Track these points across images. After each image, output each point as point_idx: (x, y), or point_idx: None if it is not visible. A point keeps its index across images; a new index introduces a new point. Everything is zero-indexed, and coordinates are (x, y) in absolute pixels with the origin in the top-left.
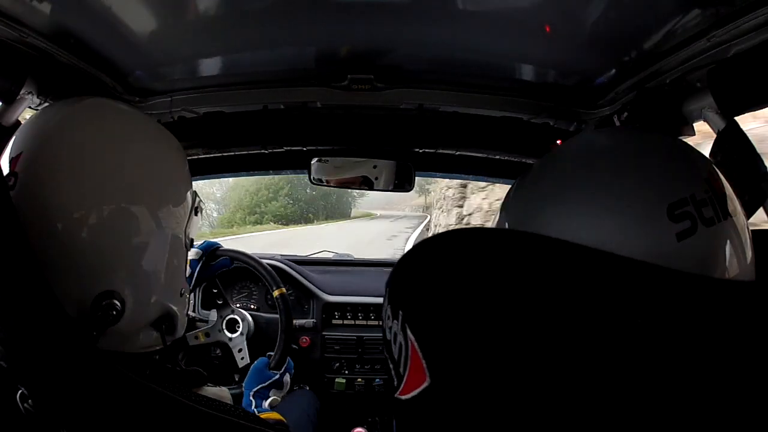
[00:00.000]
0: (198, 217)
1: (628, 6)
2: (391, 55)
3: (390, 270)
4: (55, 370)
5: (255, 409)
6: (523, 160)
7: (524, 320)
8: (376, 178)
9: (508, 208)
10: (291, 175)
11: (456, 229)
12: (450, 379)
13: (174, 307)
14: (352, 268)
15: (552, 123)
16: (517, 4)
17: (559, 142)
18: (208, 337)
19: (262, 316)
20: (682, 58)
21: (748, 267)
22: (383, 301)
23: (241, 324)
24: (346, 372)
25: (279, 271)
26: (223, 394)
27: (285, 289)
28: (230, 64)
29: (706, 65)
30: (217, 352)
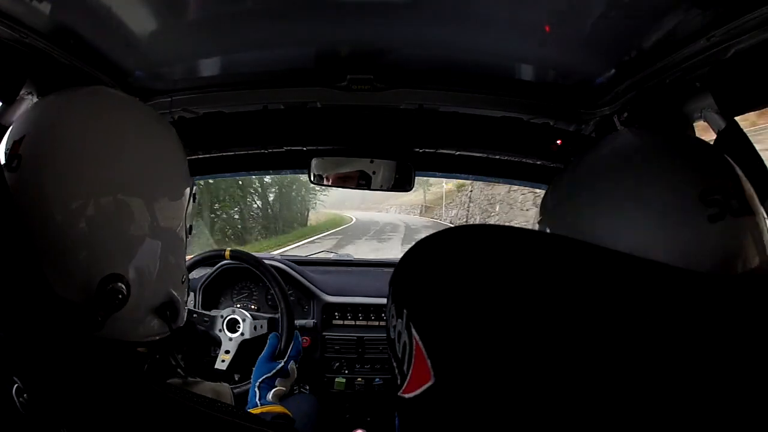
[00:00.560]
0: (194, 204)
1: (628, 6)
2: (391, 55)
3: (390, 270)
4: (50, 362)
5: (259, 402)
6: (523, 160)
7: (530, 319)
8: (376, 177)
9: (547, 215)
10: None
11: (460, 226)
12: (455, 379)
13: (176, 294)
14: (353, 268)
15: (552, 123)
16: (517, 4)
17: (559, 142)
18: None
19: (262, 316)
20: (682, 58)
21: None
22: (387, 299)
23: (241, 324)
24: (346, 372)
25: (279, 271)
26: (222, 390)
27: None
28: (230, 64)
29: (706, 65)
30: (217, 352)
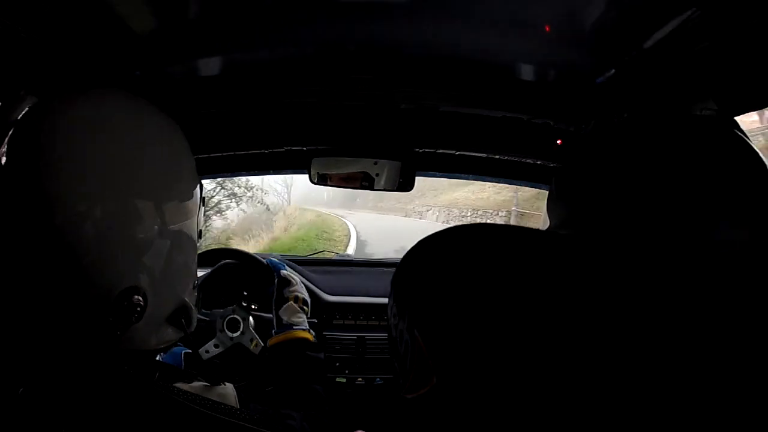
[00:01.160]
0: (203, 208)
1: (628, 6)
2: (392, 55)
3: (391, 270)
4: (61, 373)
5: (274, 332)
6: (524, 160)
7: (532, 320)
8: (377, 177)
9: (552, 210)
10: None
11: (460, 225)
12: (457, 379)
13: (188, 300)
14: (353, 268)
15: (552, 123)
16: (517, 4)
17: (559, 142)
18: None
19: (262, 315)
20: (682, 58)
21: None
22: (389, 299)
23: (242, 323)
24: (347, 372)
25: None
26: (226, 392)
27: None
28: (230, 64)
29: (706, 65)
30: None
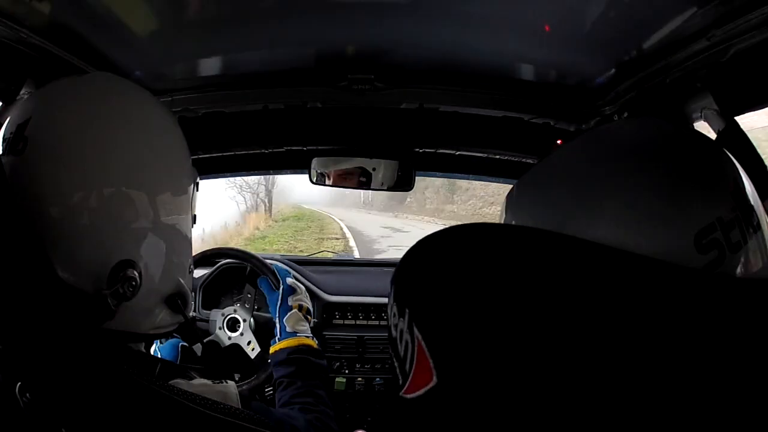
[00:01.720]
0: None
1: (628, 6)
2: (391, 55)
3: (391, 270)
4: (57, 355)
5: (278, 338)
6: (524, 160)
7: (534, 319)
8: (377, 176)
9: (514, 207)
10: None
11: (461, 225)
12: (458, 379)
13: (184, 283)
14: (353, 268)
15: (552, 123)
16: (517, 4)
17: (559, 141)
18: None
19: (262, 315)
20: (682, 58)
21: None
22: (388, 298)
23: (242, 324)
24: (347, 372)
25: None
26: (227, 391)
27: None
28: (230, 63)
29: (706, 65)
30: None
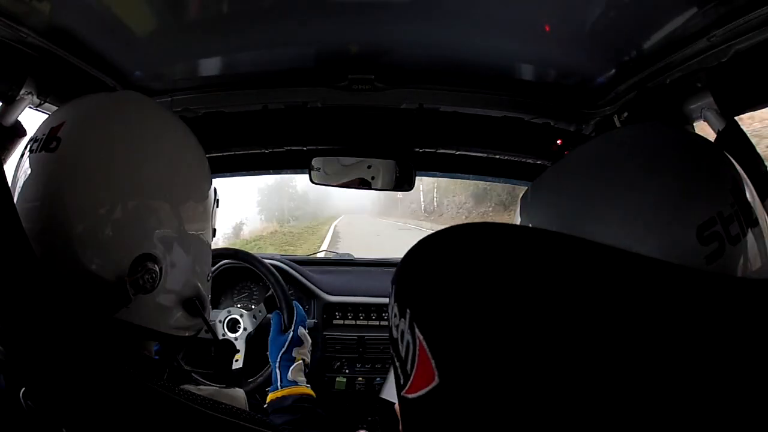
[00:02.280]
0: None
1: (628, 6)
2: (392, 55)
3: (392, 270)
4: (58, 363)
5: (280, 384)
6: (524, 160)
7: (536, 319)
8: (377, 176)
9: (528, 209)
10: None
11: (464, 224)
12: (460, 379)
13: (203, 289)
14: (353, 268)
15: (552, 123)
16: (518, 4)
17: (559, 141)
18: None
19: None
20: (682, 58)
21: None
22: (389, 298)
23: (241, 321)
24: (347, 372)
25: (280, 271)
26: (236, 395)
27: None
28: (230, 64)
29: (706, 65)
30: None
